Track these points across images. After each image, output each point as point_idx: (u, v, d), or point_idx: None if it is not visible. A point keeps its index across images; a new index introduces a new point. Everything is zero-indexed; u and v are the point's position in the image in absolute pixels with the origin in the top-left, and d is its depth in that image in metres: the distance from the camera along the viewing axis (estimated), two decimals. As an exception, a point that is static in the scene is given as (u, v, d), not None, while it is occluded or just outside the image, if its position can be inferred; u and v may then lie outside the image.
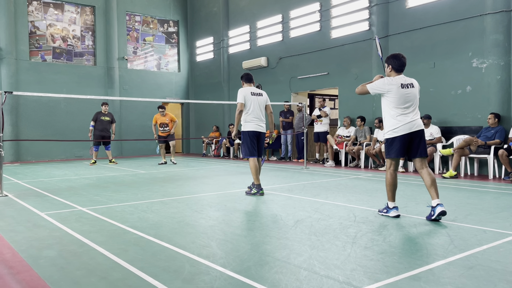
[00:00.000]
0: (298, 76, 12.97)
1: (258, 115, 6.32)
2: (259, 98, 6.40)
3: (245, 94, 6.32)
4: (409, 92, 4.45)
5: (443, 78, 9.34)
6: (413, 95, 4.47)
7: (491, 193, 6.39)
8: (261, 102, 6.41)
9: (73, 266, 3.00)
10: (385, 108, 4.55)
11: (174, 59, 17.79)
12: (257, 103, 6.34)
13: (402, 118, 4.41)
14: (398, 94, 4.41)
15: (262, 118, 6.39)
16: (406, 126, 4.40)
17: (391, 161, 4.58)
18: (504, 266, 2.90)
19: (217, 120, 16.30)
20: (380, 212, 4.65)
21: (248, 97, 6.32)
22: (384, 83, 4.50)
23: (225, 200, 5.75)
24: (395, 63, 4.56)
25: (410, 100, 4.44)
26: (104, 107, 12.08)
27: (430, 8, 9.55)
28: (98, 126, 11.88)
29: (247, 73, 6.65)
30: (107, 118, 12.03)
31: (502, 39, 8.30)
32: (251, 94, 6.35)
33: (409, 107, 4.43)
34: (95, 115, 12.00)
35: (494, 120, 8.13)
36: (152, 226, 4.21)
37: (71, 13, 15.27)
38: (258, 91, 6.49)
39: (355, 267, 2.89)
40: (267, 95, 6.62)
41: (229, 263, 3.01)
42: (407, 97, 4.43)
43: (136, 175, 9.25)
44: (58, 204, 5.56)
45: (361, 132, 10.71)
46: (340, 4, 11.61)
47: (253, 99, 6.33)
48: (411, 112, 4.44)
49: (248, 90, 6.37)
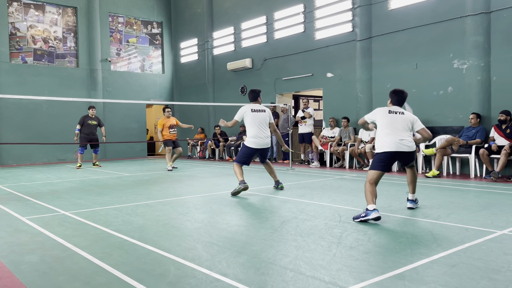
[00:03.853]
0: (283, 78, 13.01)
1: (258, 132, 6.43)
2: (260, 115, 6.49)
3: (245, 112, 6.48)
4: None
5: (425, 79, 9.48)
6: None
7: (472, 191, 6.51)
8: (262, 118, 6.49)
9: (56, 271, 2.95)
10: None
11: (158, 60, 17.67)
12: (257, 120, 6.44)
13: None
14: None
15: (264, 134, 6.49)
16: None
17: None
18: (486, 263, 2.95)
19: (202, 122, 16.23)
20: (356, 219, 4.33)
21: (248, 114, 6.45)
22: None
23: (210, 202, 5.73)
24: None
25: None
26: (91, 110, 11.77)
27: (412, 10, 9.68)
28: (85, 130, 11.56)
29: (252, 91, 6.73)
30: (94, 122, 11.75)
31: (482, 40, 8.47)
32: (251, 110, 6.48)
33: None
34: (82, 118, 11.67)
35: (476, 120, 8.29)
36: (137, 229, 4.17)
37: (53, 14, 15.04)
38: (261, 107, 6.59)
39: (340, 267, 2.90)
40: (270, 112, 6.69)
41: (215, 265, 3.00)
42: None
43: (121, 177, 9.15)
44: (40, 208, 5.46)
45: (345, 132, 10.80)
46: (323, 5, 11.69)
47: (253, 116, 6.45)
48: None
49: (249, 107, 6.51)
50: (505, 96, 8.25)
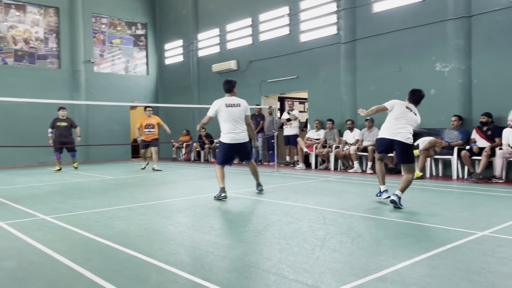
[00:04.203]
0: (268, 80, 13.02)
1: (233, 127, 6.12)
2: (235, 110, 6.15)
3: (218, 106, 6.14)
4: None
5: (408, 81, 9.57)
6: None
7: (454, 193, 6.60)
8: (237, 113, 6.15)
9: (34, 278, 2.88)
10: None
11: (142, 62, 17.51)
12: (232, 116, 6.12)
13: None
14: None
15: (240, 128, 6.18)
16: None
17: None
18: (467, 265, 2.98)
19: (187, 124, 16.13)
20: (377, 196, 5.78)
21: (221, 109, 6.11)
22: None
23: (194, 205, 5.68)
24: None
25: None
26: (62, 111, 11.27)
27: (395, 13, 9.79)
28: (56, 132, 11.14)
29: (227, 82, 6.35)
30: (64, 124, 11.25)
31: (463, 44, 8.60)
32: (225, 105, 6.13)
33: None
34: (53, 121, 11.23)
35: (458, 122, 8.42)
36: (119, 233, 4.11)
37: (34, 14, 14.78)
38: (236, 101, 6.21)
39: (323, 270, 2.90)
40: (247, 105, 6.34)
41: (198, 270, 2.96)
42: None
43: (103, 181, 9.03)
44: (19, 213, 5.34)
45: (330, 134, 10.85)
46: (308, 8, 11.74)
47: (227, 111, 6.12)
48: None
49: (223, 102, 6.15)
50: (486, 98, 8.39)
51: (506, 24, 8.10)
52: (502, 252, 3.27)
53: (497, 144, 7.78)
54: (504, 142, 7.66)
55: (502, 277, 2.74)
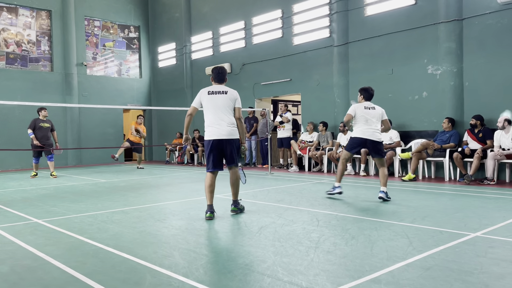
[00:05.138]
0: (261, 82, 13.04)
1: (215, 119, 4.94)
2: (219, 98, 4.97)
3: (201, 95, 5.06)
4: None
5: (401, 84, 9.66)
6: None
7: (447, 194, 6.64)
8: (222, 101, 4.96)
9: (27, 282, 2.86)
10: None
11: (135, 65, 17.46)
12: (214, 104, 4.96)
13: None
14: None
15: (224, 121, 4.94)
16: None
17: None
18: (460, 266, 3.01)
19: (180, 127, 16.06)
20: (327, 193, 6.29)
21: (204, 97, 5.02)
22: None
23: (188, 208, 5.67)
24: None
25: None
26: (43, 112, 10.80)
27: (387, 16, 9.86)
28: (38, 134, 10.58)
29: (215, 68, 5.25)
30: (47, 125, 10.77)
31: (454, 47, 8.69)
32: (208, 93, 5.01)
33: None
34: (33, 122, 10.70)
35: (448, 125, 8.48)
36: (112, 236, 4.09)
37: (26, 17, 14.69)
38: (221, 88, 5.06)
39: (318, 272, 2.91)
40: (236, 94, 5.12)
41: (192, 272, 2.96)
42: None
43: (96, 184, 8.97)
44: (12, 216, 5.29)
45: (323, 137, 10.89)
46: (301, 11, 11.79)
47: (209, 99, 4.98)
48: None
49: (206, 89, 5.07)
50: (477, 101, 8.48)
51: (497, 27, 8.19)
52: (494, 253, 3.30)
53: (488, 146, 7.86)
54: (495, 144, 7.74)
55: (495, 278, 2.77)
